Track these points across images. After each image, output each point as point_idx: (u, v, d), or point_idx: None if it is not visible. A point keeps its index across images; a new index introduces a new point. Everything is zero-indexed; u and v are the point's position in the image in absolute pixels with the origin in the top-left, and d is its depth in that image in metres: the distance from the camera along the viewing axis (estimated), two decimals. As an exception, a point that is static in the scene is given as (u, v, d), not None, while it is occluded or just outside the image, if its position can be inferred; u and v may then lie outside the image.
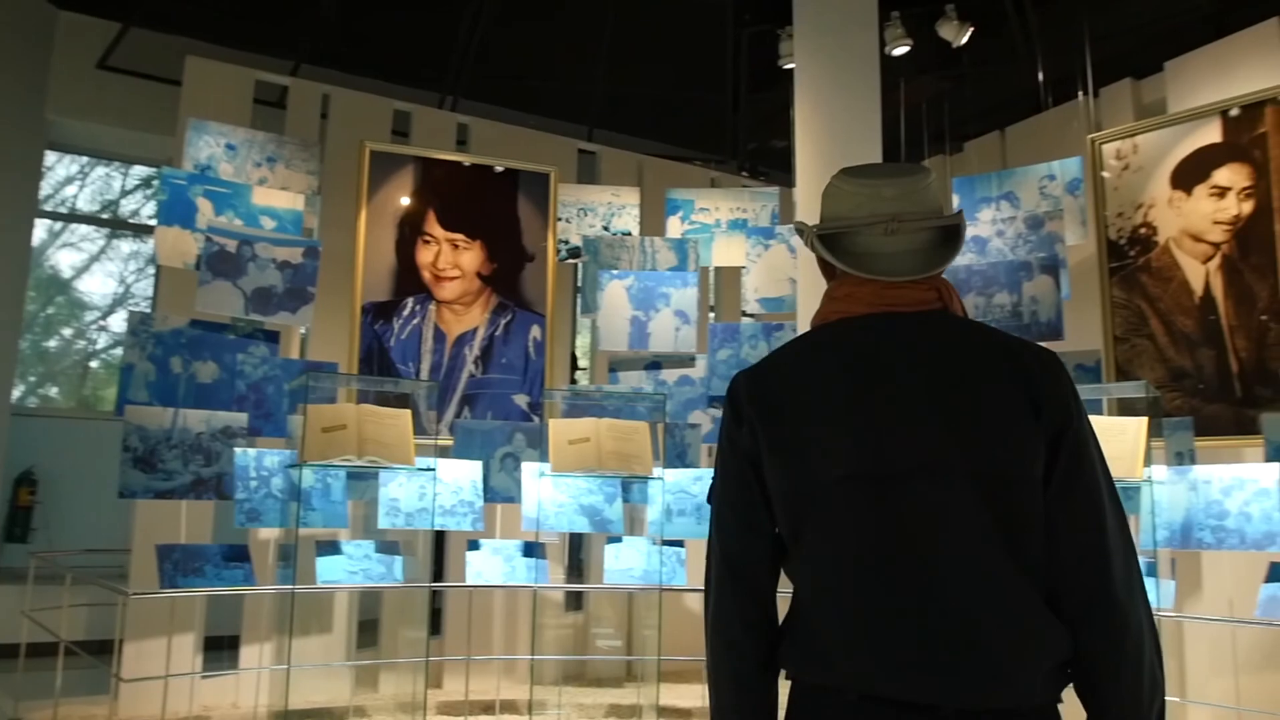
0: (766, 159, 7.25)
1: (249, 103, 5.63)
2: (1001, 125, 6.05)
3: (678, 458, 5.06)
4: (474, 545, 4.69)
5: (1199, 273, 4.68)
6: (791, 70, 6.01)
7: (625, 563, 4.71)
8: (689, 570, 4.74)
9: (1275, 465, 3.91)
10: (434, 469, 4.32)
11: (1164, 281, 4.79)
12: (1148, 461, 3.86)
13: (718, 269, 6.22)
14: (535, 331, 5.55)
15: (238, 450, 4.39)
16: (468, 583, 4.62)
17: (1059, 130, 5.82)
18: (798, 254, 5.39)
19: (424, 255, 5.40)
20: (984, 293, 5.28)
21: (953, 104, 5.90)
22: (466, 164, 5.59)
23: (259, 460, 4.40)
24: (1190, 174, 4.75)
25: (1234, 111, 4.65)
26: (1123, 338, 4.89)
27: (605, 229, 5.92)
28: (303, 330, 5.54)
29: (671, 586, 4.62)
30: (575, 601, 6.34)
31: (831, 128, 4.87)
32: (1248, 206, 4.55)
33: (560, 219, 5.81)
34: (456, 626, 5.42)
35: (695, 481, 4.89)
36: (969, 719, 1.13)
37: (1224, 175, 4.64)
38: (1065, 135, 5.75)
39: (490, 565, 4.63)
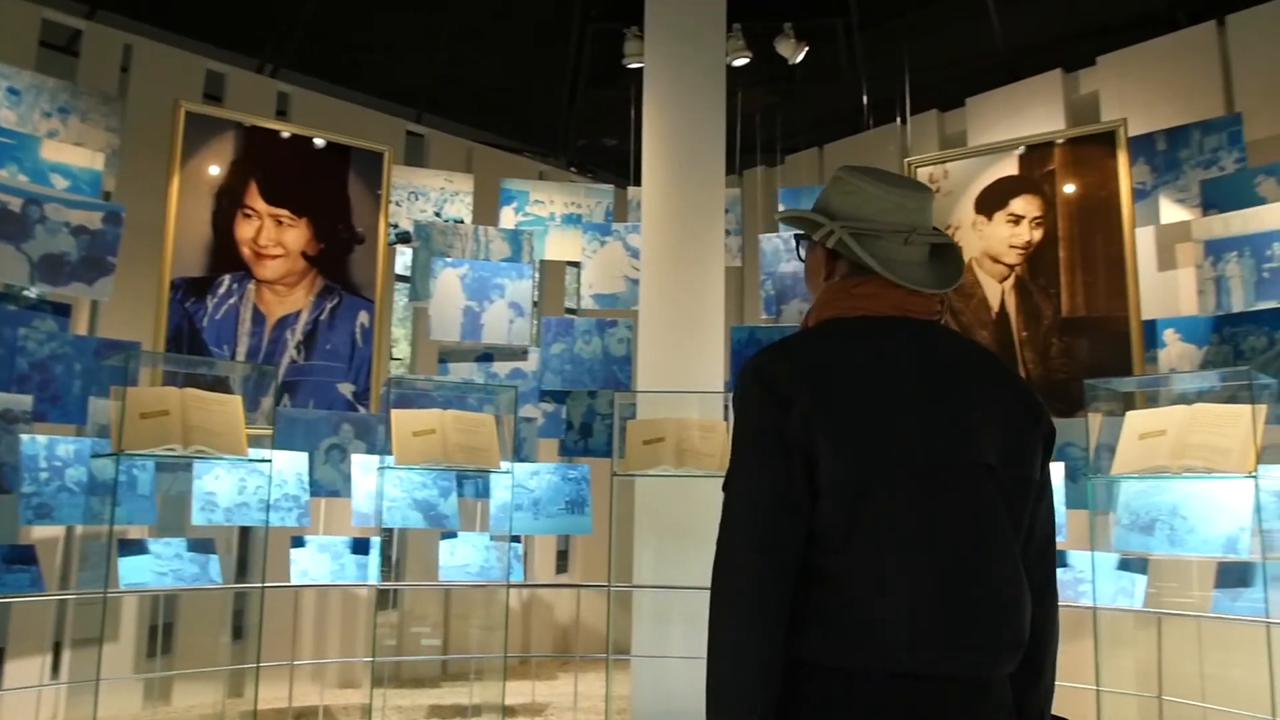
0: (596, 156, 7.29)
1: (34, 44, 4.98)
2: (822, 142, 6.43)
3: (513, 452, 4.98)
4: (299, 542, 4.39)
5: (996, 291, 5.19)
6: (631, 69, 6.09)
7: (461, 559, 4.58)
8: (526, 566, 4.68)
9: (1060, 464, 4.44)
10: (270, 460, 4.00)
11: (966, 297, 5.27)
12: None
13: (541, 263, 6.18)
14: (363, 317, 5.27)
15: (24, 438, 3.86)
16: (293, 582, 4.32)
17: (875, 151, 6.26)
18: (639, 253, 5.46)
19: (244, 230, 4.99)
20: (808, 300, 5.58)
21: (781, 118, 6.20)
22: (289, 135, 5.22)
23: (50, 449, 3.90)
24: (991, 201, 5.26)
25: (1023, 149, 5.20)
26: (929, 347, 5.32)
27: (437, 215, 5.73)
28: (97, 301, 4.96)
29: (518, 583, 4.55)
30: (386, 600, 6.09)
31: (679, 130, 4.98)
32: (1038, 234, 5.10)
33: (391, 201, 5.56)
34: (274, 629, 5.04)
35: (532, 476, 4.84)
36: (978, 686, 1.23)
37: (1019, 204, 5.17)
38: (880, 156, 6.20)
39: (317, 563, 4.35)
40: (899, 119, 5.94)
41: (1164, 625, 3.98)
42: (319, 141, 5.29)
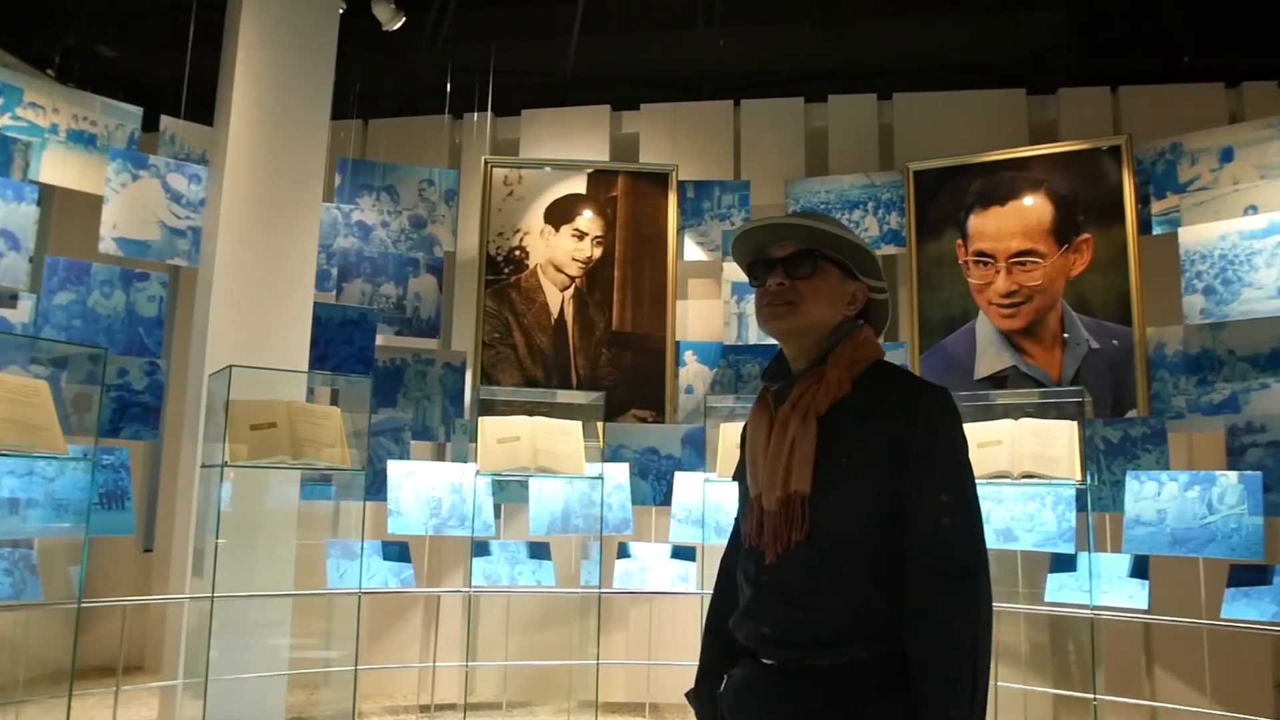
0: (94, 67, 5.81)
1: None
2: (369, 116, 6.10)
3: None
4: None
5: (557, 299, 5.53)
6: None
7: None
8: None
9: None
10: None
11: (530, 301, 5.51)
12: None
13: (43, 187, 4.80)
14: None
15: None
16: None
17: (423, 137, 6.13)
18: (181, 197, 4.57)
19: None
20: (372, 280, 5.28)
21: (365, 83, 5.72)
22: None
23: None
24: (559, 214, 5.60)
25: (591, 171, 5.66)
26: (490, 344, 5.44)
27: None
28: None
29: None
30: None
31: (283, 70, 4.34)
32: (598, 251, 5.58)
33: None
34: None
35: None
36: None
37: (584, 221, 5.60)
38: (429, 143, 6.09)
39: None
40: (476, 113, 5.95)
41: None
42: None
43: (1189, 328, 4.67)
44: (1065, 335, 4.92)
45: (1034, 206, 5.06)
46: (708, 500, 4.49)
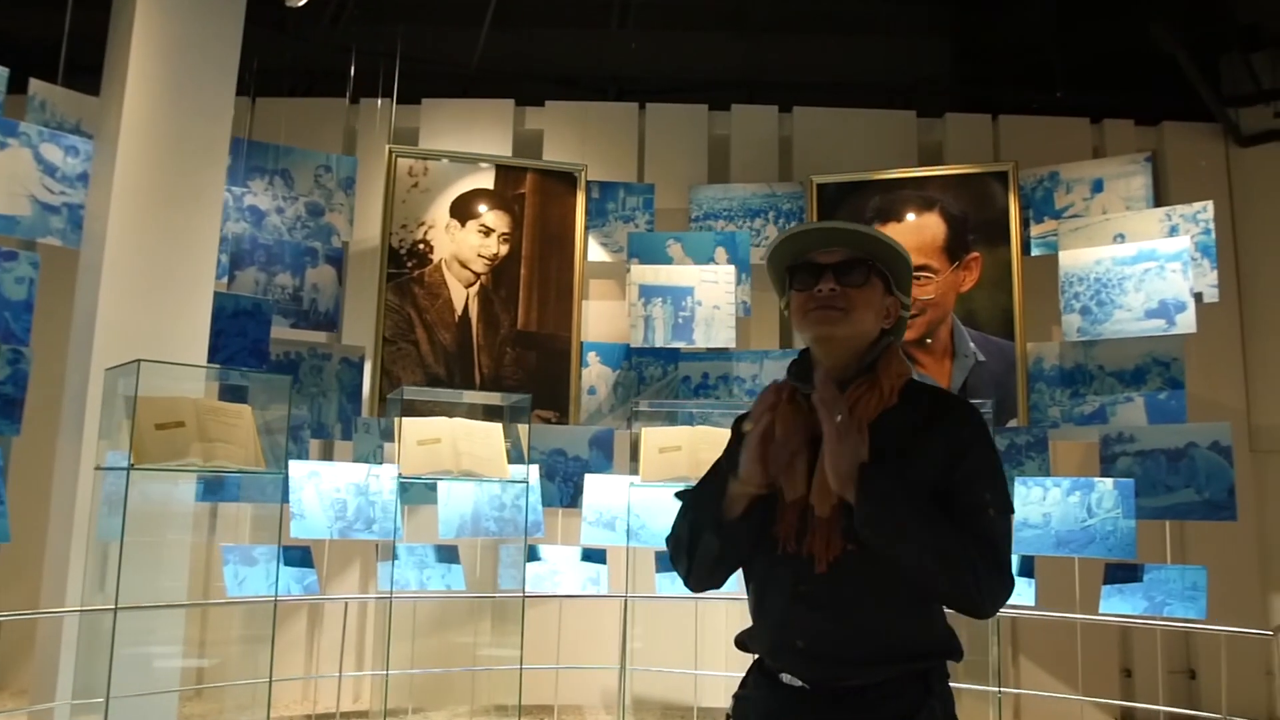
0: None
1: None
2: (291, 94, 5.76)
3: None
4: None
5: (462, 295, 5.39)
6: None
7: None
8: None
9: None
10: None
11: (433, 297, 5.35)
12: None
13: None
14: None
15: None
16: None
17: (318, 120, 5.83)
18: (56, 170, 4.18)
19: None
20: (267, 269, 5.00)
21: (261, 59, 5.35)
22: None
23: None
24: (465, 208, 5.46)
25: (498, 167, 5.55)
26: (391, 340, 5.25)
27: None
28: None
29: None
30: None
31: (187, 37, 4.03)
32: (505, 248, 5.47)
33: None
34: None
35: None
36: None
37: (491, 218, 5.48)
38: (323, 127, 5.81)
39: None
40: (380, 99, 5.70)
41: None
42: None
43: (1064, 344, 5.05)
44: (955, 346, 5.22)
45: (929, 224, 5.34)
46: (633, 505, 4.49)
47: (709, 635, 4.77)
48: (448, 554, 4.48)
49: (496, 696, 4.83)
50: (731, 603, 4.80)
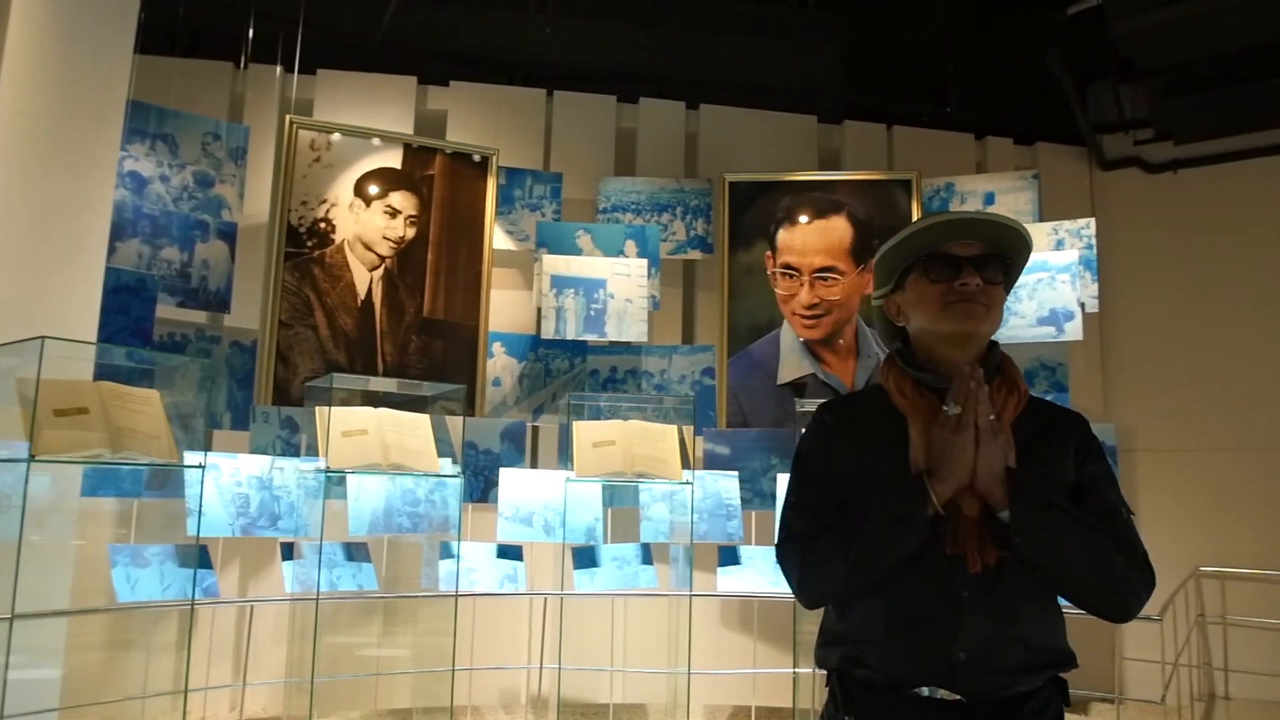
0: None
1: None
2: (171, 54, 5.24)
3: None
4: None
5: (365, 279, 5.11)
6: None
7: None
8: None
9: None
10: None
11: (334, 279, 5.05)
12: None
13: None
14: None
15: None
16: None
17: (203, 83, 5.37)
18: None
19: None
20: (151, 242, 4.58)
21: (159, 15, 4.84)
22: None
23: None
24: (371, 187, 5.17)
25: (408, 146, 5.29)
26: (287, 323, 4.91)
27: None
28: None
29: None
30: None
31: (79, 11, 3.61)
32: (412, 231, 5.23)
33: None
34: None
35: None
36: None
37: (398, 199, 5.22)
38: (208, 91, 5.35)
39: None
40: (279, 67, 5.29)
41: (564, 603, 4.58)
42: None
43: (959, 347, 5.31)
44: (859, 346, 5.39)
45: (836, 227, 5.49)
46: (569, 500, 4.39)
47: (633, 632, 4.73)
48: (359, 552, 4.24)
49: (415, 699, 4.63)
50: (646, 599, 4.78)
